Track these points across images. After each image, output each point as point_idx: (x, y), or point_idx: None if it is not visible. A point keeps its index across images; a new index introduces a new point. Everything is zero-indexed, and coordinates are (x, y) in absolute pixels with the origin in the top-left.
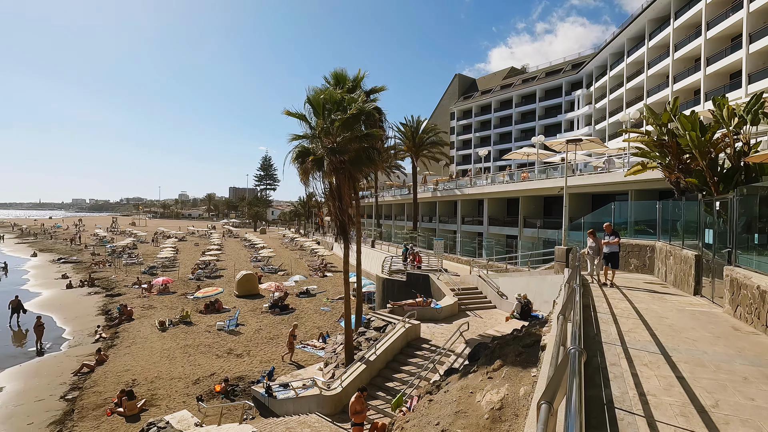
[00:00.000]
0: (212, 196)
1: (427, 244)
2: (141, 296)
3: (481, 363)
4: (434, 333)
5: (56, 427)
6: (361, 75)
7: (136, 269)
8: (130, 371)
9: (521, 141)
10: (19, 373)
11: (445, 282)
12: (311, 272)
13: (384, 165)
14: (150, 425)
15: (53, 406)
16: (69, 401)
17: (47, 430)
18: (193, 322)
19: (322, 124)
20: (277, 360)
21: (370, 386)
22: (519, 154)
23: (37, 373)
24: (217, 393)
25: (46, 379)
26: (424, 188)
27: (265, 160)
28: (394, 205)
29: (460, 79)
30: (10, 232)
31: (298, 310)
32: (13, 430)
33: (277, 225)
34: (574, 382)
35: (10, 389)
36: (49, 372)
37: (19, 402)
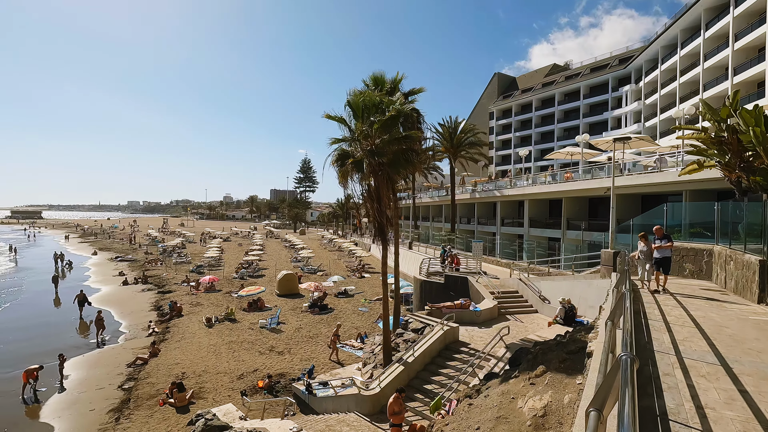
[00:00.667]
0: (254, 198)
1: (465, 246)
2: (189, 293)
3: (523, 368)
4: (473, 336)
5: (115, 415)
6: (399, 77)
7: (185, 268)
8: (179, 364)
9: (564, 140)
10: (82, 362)
11: (484, 285)
12: (349, 273)
13: (422, 166)
14: (198, 416)
15: (112, 394)
16: (126, 390)
17: (107, 417)
18: (237, 319)
19: (361, 126)
20: (317, 358)
21: (408, 388)
22: (562, 154)
23: (97, 363)
24: (259, 388)
25: (106, 369)
26: (463, 189)
27: (305, 163)
28: (432, 207)
29: (499, 78)
30: (74, 232)
31: (336, 310)
32: (78, 415)
33: (315, 226)
34: (627, 391)
35: (74, 377)
36: (108, 362)
37: (82, 389)
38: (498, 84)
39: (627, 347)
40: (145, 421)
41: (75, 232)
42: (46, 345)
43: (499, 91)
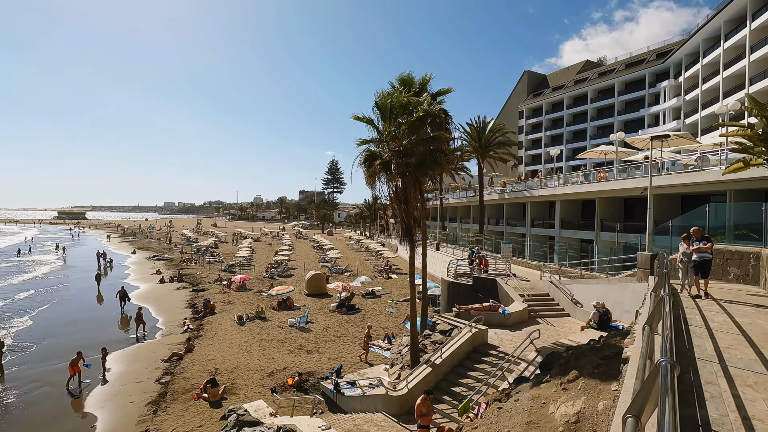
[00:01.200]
0: (283, 200)
1: (493, 247)
2: (222, 292)
3: (555, 373)
4: (502, 339)
5: (152, 407)
6: (427, 78)
7: (218, 267)
8: (213, 360)
9: (597, 139)
10: (123, 356)
11: (513, 287)
12: (376, 274)
13: (449, 167)
14: (230, 411)
15: (150, 387)
16: (162, 384)
17: (145, 409)
18: (268, 317)
19: (388, 127)
20: (345, 358)
21: (435, 389)
22: (595, 153)
23: (136, 357)
24: (289, 386)
25: (144, 364)
26: (491, 190)
27: (332, 165)
28: (459, 208)
29: (529, 76)
30: (115, 232)
31: (363, 310)
32: (119, 406)
33: (343, 227)
34: (667, 399)
35: (115, 370)
36: (147, 357)
37: (122, 382)
38: (528, 82)
39: (667, 353)
40: (180, 414)
41: (116, 232)
42: (90, 339)
43: (528, 90)
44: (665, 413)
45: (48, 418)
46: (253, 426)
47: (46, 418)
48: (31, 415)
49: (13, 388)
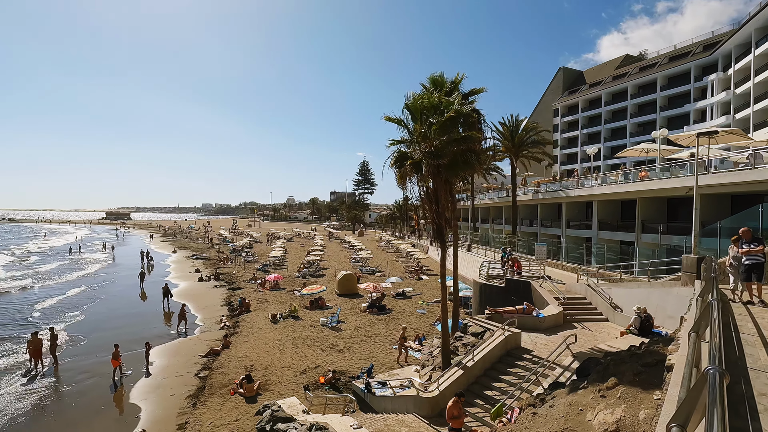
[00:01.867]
0: (315, 201)
1: (527, 249)
2: (256, 291)
3: (592, 379)
4: (536, 343)
5: (192, 400)
6: (459, 77)
7: (252, 266)
8: (248, 357)
9: (637, 136)
10: (164, 350)
11: (548, 290)
12: (407, 274)
13: (481, 167)
14: (265, 407)
15: (189, 381)
16: (201, 379)
17: (185, 402)
18: (300, 316)
19: (419, 128)
20: (375, 358)
21: (467, 392)
22: (635, 151)
23: (177, 352)
24: (321, 384)
25: (184, 358)
26: (524, 190)
27: (363, 166)
28: (492, 208)
29: (564, 73)
30: (157, 232)
31: (394, 311)
32: (161, 399)
33: (373, 228)
34: (716, 409)
35: (158, 364)
36: (186, 352)
37: (164, 376)
38: (563, 79)
39: (715, 361)
40: (218, 408)
41: (158, 232)
42: (134, 333)
43: (564, 87)
44: (713, 424)
45: (97, 407)
46: (286, 422)
47: (96, 407)
48: (83, 403)
49: (66, 378)
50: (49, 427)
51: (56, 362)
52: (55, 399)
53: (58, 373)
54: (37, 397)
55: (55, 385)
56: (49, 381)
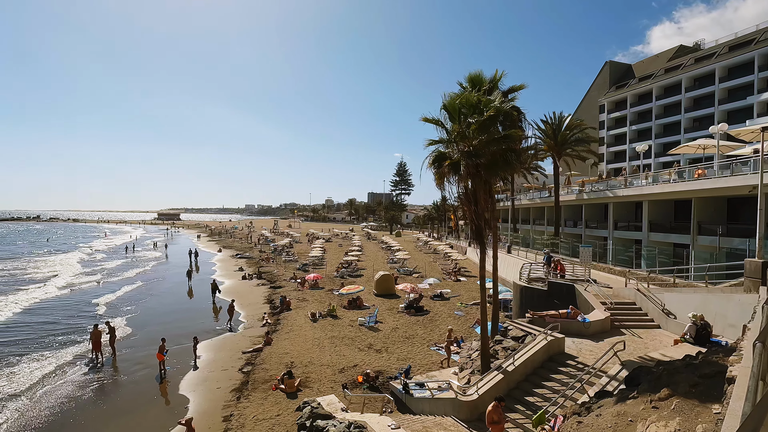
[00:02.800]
0: (353, 201)
1: (571, 251)
2: (296, 289)
3: (643, 389)
4: (581, 349)
5: (236, 394)
6: (498, 75)
7: (293, 266)
8: (288, 354)
9: (693, 132)
10: (210, 345)
11: (594, 294)
12: (445, 276)
13: (522, 167)
14: (305, 404)
15: (234, 376)
16: (245, 374)
17: (230, 395)
18: (338, 315)
19: (457, 128)
20: (413, 359)
21: (507, 398)
22: (691, 148)
23: (222, 347)
24: (359, 383)
25: (229, 353)
26: (568, 190)
27: (400, 166)
28: (533, 209)
29: (611, 67)
30: (204, 232)
31: (432, 312)
32: (207, 391)
33: (411, 228)
34: None
35: (204, 358)
36: (231, 347)
37: (210, 369)
38: (610, 73)
39: None
40: (260, 402)
41: (204, 232)
42: (183, 328)
43: (611, 82)
44: None
45: (150, 396)
46: (325, 419)
47: (149, 396)
48: (137, 392)
49: (123, 369)
50: (107, 412)
51: (114, 353)
52: (113, 387)
53: (116, 363)
54: (98, 385)
55: (112, 374)
56: (108, 370)
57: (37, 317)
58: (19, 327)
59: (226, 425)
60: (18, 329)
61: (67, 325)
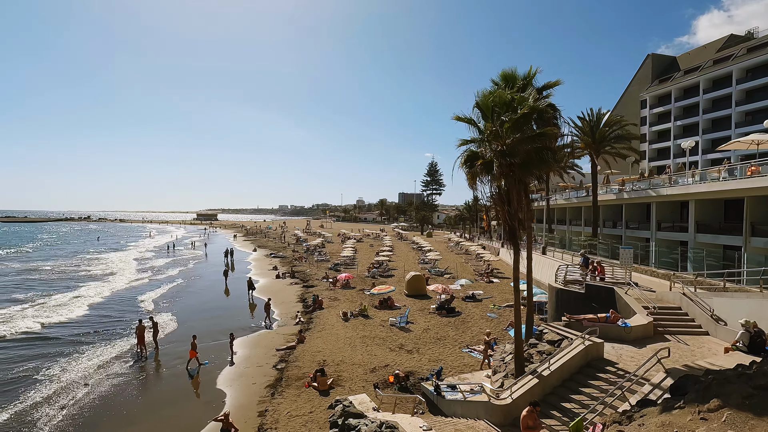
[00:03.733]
0: (384, 202)
1: (610, 252)
2: (328, 289)
3: (690, 399)
4: (621, 355)
5: (270, 390)
6: (532, 72)
7: (325, 265)
8: (321, 352)
9: (745, 126)
10: (246, 342)
11: (635, 297)
12: (477, 277)
13: (557, 166)
14: (337, 402)
15: (268, 372)
16: (279, 371)
17: (264, 391)
18: (370, 315)
19: (490, 127)
20: (445, 360)
21: (543, 403)
22: (743, 143)
23: (257, 344)
24: (390, 383)
25: (263, 350)
26: (607, 189)
27: (432, 166)
28: (569, 209)
29: (653, 60)
30: (240, 231)
31: (464, 314)
32: (243, 386)
33: (442, 228)
34: None
35: (240, 354)
36: (266, 344)
37: (246, 365)
38: (652, 67)
39: None
40: (293, 399)
41: (240, 232)
42: (220, 325)
43: (653, 75)
44: None
45: (189, 390)
46: (357, 418)
47: (188, 389)
48: (177, 385)
49: (164, 362)
50: (149, 404)
51: (157, 348)
52: (155, 380)
53: (158, 357)
54: (142, 378)
55: (155, 368)
56: (151, 364)
57: (96, 311)
58: (80, 322)
59: (261, 420)
60: (79, 324)
61: (119, 319)
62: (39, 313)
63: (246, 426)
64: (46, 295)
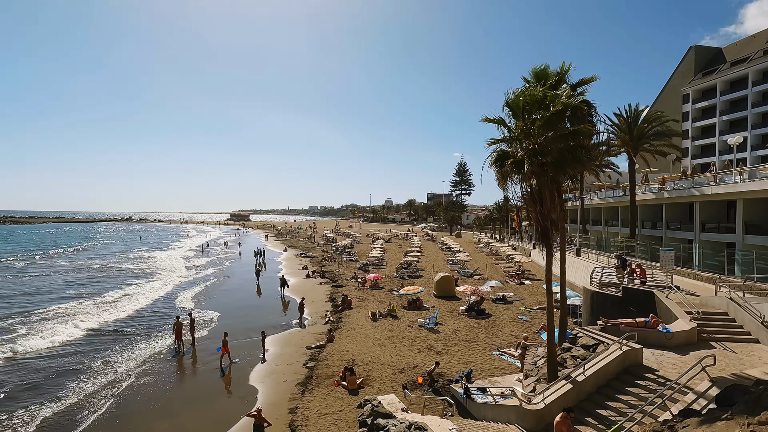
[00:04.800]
0: (412, 202)
1: (649, 254)
2: (357, 289)
3: (739, 411)
4: (661, 362)
5: (301, 388)
6: (565, 68)
7: (353, 265)
8: (350, 352)
9: None
10: (277, 340)
11: (677, 302)
12: (507, 279)
13: (592, 164)
14: (366, 401)
15: (299, 370)
16: (309, 369)
17: (295, 389)
18: (398, 316)
19: (521, 125)
20: (474, 363)
21: (577, 409)
22: None
23: (288, 342)
24: (419, 384)
25: (294, 348)
26: (645, 188)
27: (461, 166)
28: (605, 209)
29: (696, 52)
30: (271, 232)
31: (494, 316)
32: (274, 384)
33: (471, 229)
34: None
35: (272, 352)
36: (296, 342)
37: (277, 363)
38: (695, 59)
39: None
40: (323, 397)
41: (272, 232)
42: (252, 323)
43: (696, 68)
44: None
45: (223, 385)
46: (386, 418)
47: (222, 384)
48: (212, 380)
49: (200, 358)
50: (186, 397)
51: (194, 344)
52: (191, 375)
53: (195, 353)
54: (180, 373)
55: (192, 363)
56: (188, 360)
57: (144, 308)
58: (129, 318)
59: (292, 417)
60: (128, 320)
61: (161, 316)
62: (92, 309)
63: (277, 422)
64: (96, 293)
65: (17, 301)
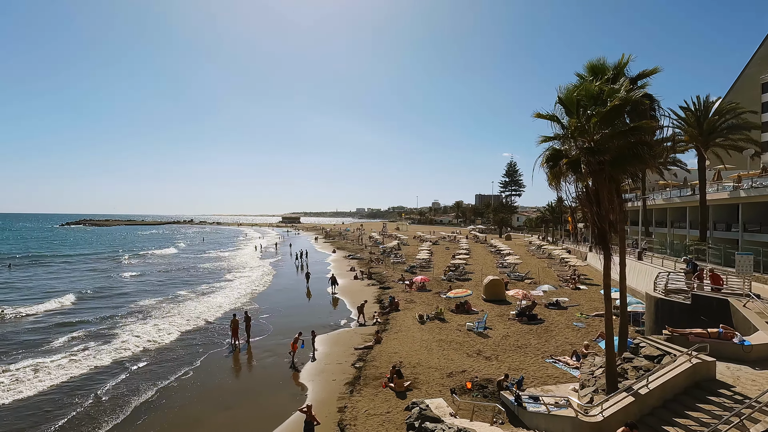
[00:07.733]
0: (460, 204)
1: (723, 259)
2: (404, 291)
3: None
4: (738, 377)
5: (349, 387)
6: (624, 60)
7: (401, 267)
8: (397, 354)
9: None
10: (326, 339)
11: (757, 312)
12: (561, 283)
13: (655, 162)
14: (413, 404)
15: (347, 370)
16: (357, 369)
17: (344, 388)
18: (446, 319)
19: (575, 122)
20: (526, 370)
21: (640, 424)
22: None
23: (337, 341)
24: (468, 390)
25: (342, 348)
26: (718, 187)
27: (510, 166)
28: (670, 210)
29: None
30: (320, 234)
31: (547, 321)
32: (324, 382)
33: (522, 231)
34: None
35: (321, 351)
36: (344, 342)
37: (327, 362)
38: None
39: None
40: (371, 398)
41: (321, 234)
42: (303, 322)
43: None
44: None
45: (275, 381)
46: (434, 422)
47: (274, 381)
48: (265, 376)
49: (255, 355)
50: (242, 392)
51: (249, 341)
52: (247, 371)
53: (250, 350)
54: (236, 368)
55: (247, 360)
56: (243, 356)
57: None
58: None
59: (341, 416)
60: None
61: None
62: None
63: (327, 420)
64: (175, 295)
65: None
